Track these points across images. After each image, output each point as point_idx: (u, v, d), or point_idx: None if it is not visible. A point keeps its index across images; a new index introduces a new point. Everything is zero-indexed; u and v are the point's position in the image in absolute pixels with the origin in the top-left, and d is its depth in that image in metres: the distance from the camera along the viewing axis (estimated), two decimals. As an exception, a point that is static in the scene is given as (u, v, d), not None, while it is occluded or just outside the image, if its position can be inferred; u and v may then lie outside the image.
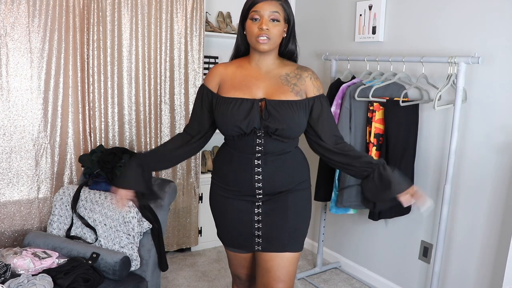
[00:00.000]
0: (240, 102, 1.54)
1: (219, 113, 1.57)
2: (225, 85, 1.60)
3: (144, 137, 2.87)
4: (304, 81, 1.59)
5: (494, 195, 2.21)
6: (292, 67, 1.62)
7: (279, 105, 1.53)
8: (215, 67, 1.66)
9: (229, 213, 1.66)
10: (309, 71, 1.63)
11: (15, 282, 1.78)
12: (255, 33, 1.51)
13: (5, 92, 2.41)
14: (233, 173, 1.62)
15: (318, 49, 3.17)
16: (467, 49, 2.26)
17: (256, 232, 1.62)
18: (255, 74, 1.59)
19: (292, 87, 1.57)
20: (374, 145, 2.44)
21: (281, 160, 1.60)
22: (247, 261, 1.75)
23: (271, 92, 1.56)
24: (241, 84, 1.58)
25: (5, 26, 2.36)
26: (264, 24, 1.49)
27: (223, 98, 1.57)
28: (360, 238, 2.95)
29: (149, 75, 2.84)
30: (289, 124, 1.54)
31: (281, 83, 1.57)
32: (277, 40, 1.54)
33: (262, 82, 1.58)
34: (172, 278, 2.82)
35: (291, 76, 1.59)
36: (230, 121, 1.54)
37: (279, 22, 1.52)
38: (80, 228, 2.25)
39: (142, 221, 2.14)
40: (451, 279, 2.43)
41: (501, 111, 2.16)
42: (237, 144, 1.60)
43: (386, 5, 2.66)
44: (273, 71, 1.60)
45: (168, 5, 2.82)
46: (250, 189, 1.60)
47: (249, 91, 1.56)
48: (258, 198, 1.61)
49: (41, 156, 2.54)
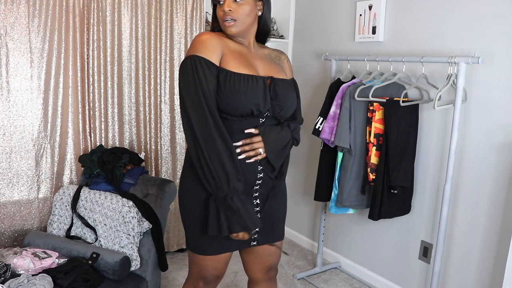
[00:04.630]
0: (255, 80, 1.39)
1: (234, 91, 1.36)
2: (228, 58, 1.41)
3: (144, 137, 2.87)
4: (283, 62, 1.59)
5: (494, 195, 2.21)
6: (268, 49, 1.58)
7: (282, 84, 1.48)
8: (209, 36, 1.43)
9: None
10: (284, 54, 1.62)
11: (15, 282, 1.78)
12: (221, 16, 1.43)
13: (5, 92, 2.41)
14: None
15: (318, 49, 3.17)
16: (467, 49, 2.26)
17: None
18: (246, 50, 1.48)
19: (280, 66, 1.54)
20: (374, 145, 2.44)
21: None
22: (225, 261, 1.60)
23: (268, 70, 1.48)
24: (242, 59, 1.44)
25: (5, 26, 2.36)
26: (226, 6, 1.40)
27: (235, 74, 1.38)
28: (360, 238, 2.95)
29: (149, 75, 2.84)
30: (291, 103, 1.50)
31: (271, 62, 1.51)
32: (245, 20, 1.43)
33: (256, 59, 1.49)
34: (172, 278, 2.82)
35: (272, 57, 1.55)
36: (249, 100, 1.37)
37: (243, 2, 1.42)
38: (80, 228, 2.25)
39: (142, 221, 2.14)
40: (451, 279, 2.43)
41: (501, 111, 2.16)
42: (239, 126, 1.43)
43: (386, 5, 2.66)
44: (259, 51, 1.52)
45: (168, 5, 2.82)
46: (251, 177, 1.47)
47: (252, 68, 1.44)
48: (256, 189, 1.51)
49: (41, 156, 2.54)
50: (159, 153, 2.96)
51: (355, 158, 2.51)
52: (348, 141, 2.47)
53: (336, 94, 2.58)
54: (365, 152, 2.51)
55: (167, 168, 3.00)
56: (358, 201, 2.57)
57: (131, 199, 2.19)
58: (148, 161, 2.92)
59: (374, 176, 2.46)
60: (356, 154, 2.51)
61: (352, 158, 2.50)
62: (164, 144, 2.97)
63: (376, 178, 2.44)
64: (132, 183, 2.36)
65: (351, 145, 2.48)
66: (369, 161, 2.46)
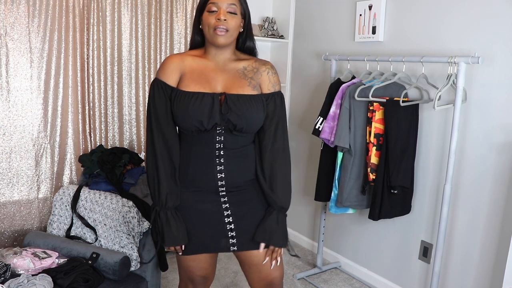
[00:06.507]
0: (202, 97, 1.48)
1: (179, 108, 1.48)
2: (184, 78, 1.52)
3: (144, 137, 2.87)
4: (260, 75, 1.57)
5: (494, 195, 2.21)
6: (250, 60, 1.59)
7: (238, 99, 1.50)
8: (170, 59, 1.55)
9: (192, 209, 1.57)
10: (267, 65, 1.60)
11: (15, 282, 1.78)
12: (213, 24, 1.47)
13: (5, 92, 2.41)
14: (194, 170, 1.55)
15: (318, 49, 3.17)
16: (467, 49, 2.26)
17: (230, 233, 1.57)
18: (212, 67, 1.55)
19: (249, 81, 1.54)
20: (374, 145, 2.44)
21: (241, 154, 1.56)
22: (207, 262, 1.66)
23: (229, 86, 1.53)
24: (200, 77, 1.52)
25: (5, 26, 2.36)
26: (222, 14, 1.46)
27: (183, 92, 1.50)
28: (360, 238, 2.95)
29: (149, 75, 2.84)
30: (248, 119, 1.50)
31: (238, 77, 1.54)
32: (234, 33, 1.51)
33: (220, 75, 1.54)
34: (172, 278, 2.82)
35: (248, 70, 1.56)
36: (192, 117, 1.47)
37: (236, 15, 1.50)
38: (80, 228, 2.25)
39: (142, 221, 2.14)
40: (451, 279, 2.43)
41: (501, 111, 2.16)
42: (197, 140, 1.53)
43: (386, 5, 2.66)
44: (230, 65, 1.56)
45: (168, 5, 2.82)
46: (213, 185, 1.54)
47: (208, 84, 1.51)
48: (222, 195, 1.56)
49: (41, 156, 2.54)
50: (159, 153, 2.96)
51: (355, 158, 2.51)
52: (348, 141, 2.47)
53: (336, 94, 2.58)
54: (365, 152, 2.50)
55: (167, 168, 3.00)
56: (358, 201, 2.57)
57: (131, 199, 2.19)
58: (148, 161, 2.91)
59: (374, 176, 2.46)
60: (356, 154, 2.51)
61: (352, 158, 2.50)
62: (164, 144, 2.97)
63: (376, 178, 2.44)
64: (132, 183, 2.36)
65: (351, 145, 2.48)
66: (369, 161, 2.46)
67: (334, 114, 2.55)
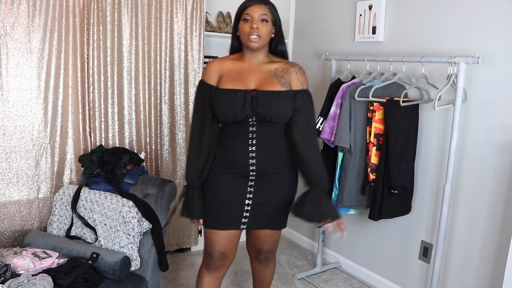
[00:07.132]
0: (236, 93, 1.75)
1: (217, 102, 1.77)
2: (223, 78, 1.80)
3: (144, 137, 2.87)
4: (290, 75, 1.81)
5: (494, 195, 2.21)
6: (281, 63, 1.84)
7: (267, 95, 1.75)
8: (212, 63, 1.86)
9: (224, 187, 1.83)
10: (296, 66, 1.84)
11: (15, 282, 1.78)
12: (247, 31, 1.74)
13: (5, 92, 2.41)
14: (231, 155, 1.82)
15: (318, 49, 3.17)
16: (467, 49, 2.26)
17: (245, 213, 1.84)
18: (248, 68, 1.81)
19: (279, 79, 1.79)
20: (374, 145, 2.44)
21: (272, 144, 1.82)
22: (227, 238, 1.88)
23: (261, 83, 1.78)
24: (236, 77, 1.79)
25: (5, 26, 2.36)
26: (254, 23, 1.73)
27: (221, 89, 1.78)
28: (360, 238, 2.95)
29: (149, 75, 2.84)
30: (275, 111, 1.74)
31: (270, 76, 1.80)
32: (266, 38, 1.77)
33: (254, 75, 1.80)
34: (172, 278, 2.82)
35: (279, 70, 1.81)
36: (227, 109, 1.74)
37: (268, 23, 1.76)
38: (80, 228, 2.25)
39: (142, 221, 2.14)
40: (451, 279, 2.43)
41: (501, 111, 2.16)
42: (234, 130, 1.80)
43: (386, 5, 2.66)
44: (263, 66, 1.82)
45: (168, 5, 2.82)
46: (245, 169, 1.80)
47: (243, 83, 1.78)
48: (251, 179, 1.82)
49: (41, 156, 2.54)
50: (159, 153, 2.96)
51: (355, 158, 2.51)
52: (348, 141, 2.47)
53: (336, 94, 2.58)
54: (365, 152, 2.51)
55: (167, 168, 3.00)
56: (358, 201, 2.57)
57: (131, 199, 2.18)
58: (148, 161, 2.91)
59: (374, 176, 2.46)
60: (356, 154, 2.51)
61: (352, 158, 2.50)
62: (164, 144, 2.97)
63: (376, 178, 2.44)
64: (132, 183, 2.35)
65: (351, 145, 2.48)
66: (369, 161, 2.46)
67: (334, 114, 2.55)
